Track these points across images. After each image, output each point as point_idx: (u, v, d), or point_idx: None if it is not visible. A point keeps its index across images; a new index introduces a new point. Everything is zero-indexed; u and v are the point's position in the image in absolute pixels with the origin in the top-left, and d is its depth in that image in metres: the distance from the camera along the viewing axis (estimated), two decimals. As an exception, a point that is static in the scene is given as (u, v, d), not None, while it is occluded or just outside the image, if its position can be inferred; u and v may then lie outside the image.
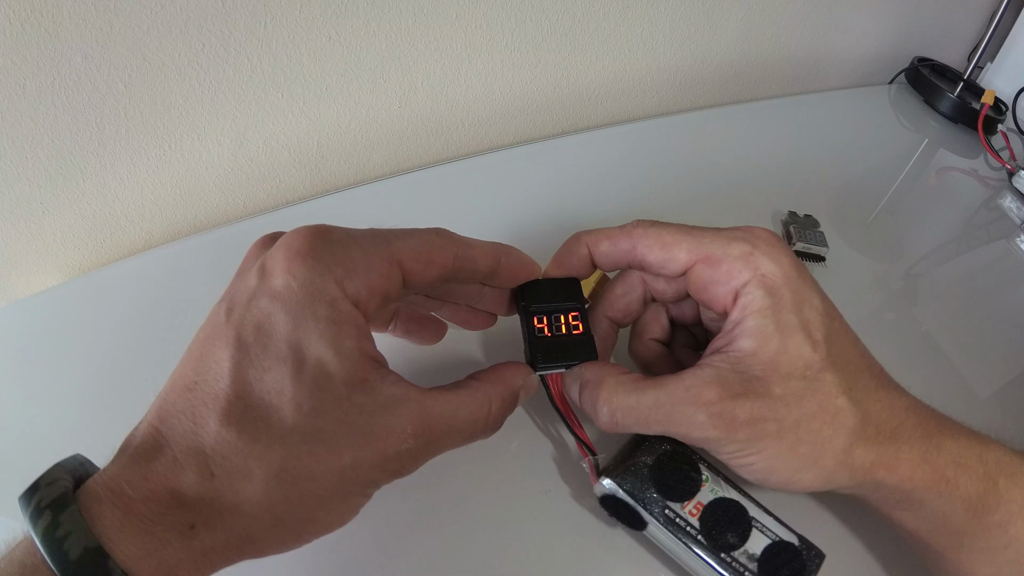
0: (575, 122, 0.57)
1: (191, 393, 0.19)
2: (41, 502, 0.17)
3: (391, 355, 0.23)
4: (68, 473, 0.19)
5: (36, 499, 0.17)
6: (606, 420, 0.26)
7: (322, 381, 0.20)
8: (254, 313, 0.20)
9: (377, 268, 0.22)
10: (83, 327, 0.35)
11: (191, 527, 0.18)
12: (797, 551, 0.26)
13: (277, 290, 0.20)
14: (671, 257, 0.27)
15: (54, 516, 0.17)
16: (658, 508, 0.26)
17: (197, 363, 0.20)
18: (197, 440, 0.19)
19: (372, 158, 0.49)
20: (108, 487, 0.18)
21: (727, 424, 0.24)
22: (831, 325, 0.26)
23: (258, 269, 0.21)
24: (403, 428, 0.21)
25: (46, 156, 0.36)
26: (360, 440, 0.20)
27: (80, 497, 0.18)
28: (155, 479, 0.18)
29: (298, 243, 0.21)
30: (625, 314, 0.31)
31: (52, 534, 0.16)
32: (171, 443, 0.19)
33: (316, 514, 0.20)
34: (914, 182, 0.59)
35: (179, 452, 0.18)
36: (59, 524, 0.17)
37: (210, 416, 0.19)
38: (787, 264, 0.26)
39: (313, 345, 0.20)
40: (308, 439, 0.19)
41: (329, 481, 0.20)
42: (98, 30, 0.34)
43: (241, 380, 0.19)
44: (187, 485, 0.18)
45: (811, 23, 0.64)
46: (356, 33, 0.41)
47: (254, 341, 0.20)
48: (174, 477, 0.18)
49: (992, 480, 0.25)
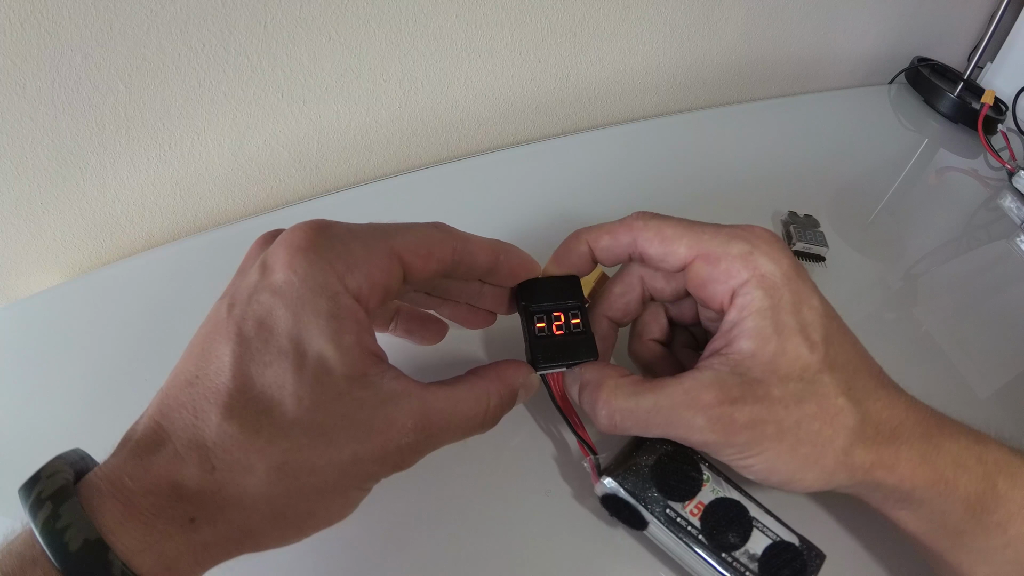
0: (575, 122, 0.57)
1: (192, 387, 0.19)
2: (42, 493, 0.17)
3: (392, 353, 0.23)
4: (69, 465, 0.19)
5: (37, 490, 0.17)
6: (605, 422, 0.26)
7: (323, 375, 0.20)
8: (255, 308, 0.20)
9: (378, 262, 0.22)
10: (83, 327, 0.35)
11: (192, 520, 0.18)
12: (798, 551, 0.26)
13: (278, 285, 0.20)
14: (670, 251, 0.27)
15: (54, 507, 0.17)
16: (659, 508, 0.26)
17: (198, 358, 0.20)
18: (198, 433, 0.19)
19: (372, 158, 0.49)
20: (109, 479, 0.18)
21: (726, 428, 0.24)
22: (830, 326, 0.26)
23: (259, 265, 0.21)
24: (403, 422, 0.21)
25: (46, 156, 0.36)
26: (360, 434, 0.20)
27: (81, 489, 0.18)
28: (156, 472, 0.18)
29: (299, 238, 0.21)
30: (624, 313, 0.31)
31: (52, 525, 0.16)
32: (172, 436, 0.19)
33: (316, 508, 0.20)
34: (914, 182, 0.59)
35: (180, 445, 0.18)
36: (59, 515, 0.17)
37: (211, 410, 0.19)
38: (786, 264, 0.26)
39: (314, 340, 0.20)
40: (309, 433, 0.19)
41: (330, 475, 0.20)
42: (98, 30, 0.34)
43: (242, 374, 0.19)
44: (188, 478, 0.18)
45: (811, 23, 0.64)
46: (356, 33, 0.41)
47: (255, 336, 0.20)
48: (175, 470, 0.18)
49: (991, 480, 0.25)
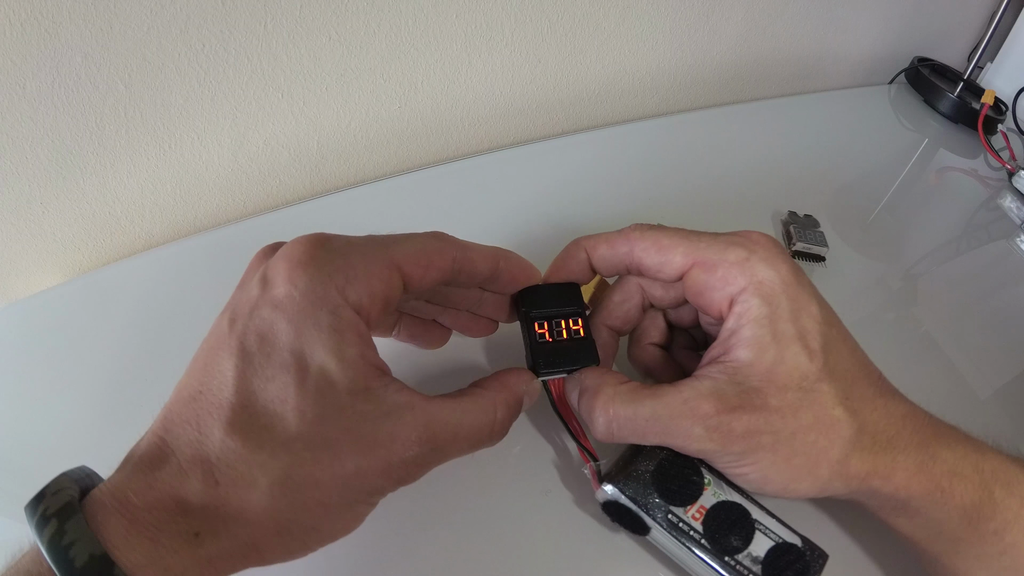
0: (575, 122, 0.57)
1: (195, 403, 0.19)
2: (47, 510, 0.17)
3: (395, 361, 0.23)
4: (74, 482, 0.19)
5: (42, 507, 0.17)
6: (602, 430, 0.26)
7: (325, 389, 0.20)
8: (257, 323, 0.20)
9: (378, 274, 0.22)
10: (83, 327, 0.35)
11: (196, 534, 0.18)
12: (800, 552, 0.26)
13: (279, 299, 0.20)
14: (667, 260, 0.27)
15: (60, 524, 0.17)
16: (661, 513, 0.26)
17: (201, 373, 0.20)
18: (202, 449, 0.19)
19: (372, 158, 0.49)
20: (113, 495, 0.18)
21: (723, 437, 0.24)
22: (829, 333, 0.26)
23: (260, 279, 0.21)
24: (408, 436, 0.21)
25: (46, 156, 0.36)
26: (364, 448, 0.20)
27: (86, 506, 0.18)
28: (160, 487, 0.18)
29: (299, 252, 0.21)
30: (624, 322, 0.31)
31: (58, 542, 0.16)
32: (176, 452, 0.19)
33: (321, 522, 0.20)
34: (914, 182, 0.59)
35: (184, 461, 0.19)
36: (65, 532, 0.17)
37: (215, 425, 0.19)
38: (785, 271, 0.26)
39: (316, 353, 0.20)
40: (312, 447, 0.19)
41: (334, 489, 0.20)
42: (98, 30, 0.33)
43: (245, 389, 0.19)
44: (192, 493, 0.18)
45: (811, 23, 0.64)
46: (356, 33, 0.41)
47: (257, 350, 0.20)
48: (179, 485, 0.18)
49: (988, 489, 0.25)
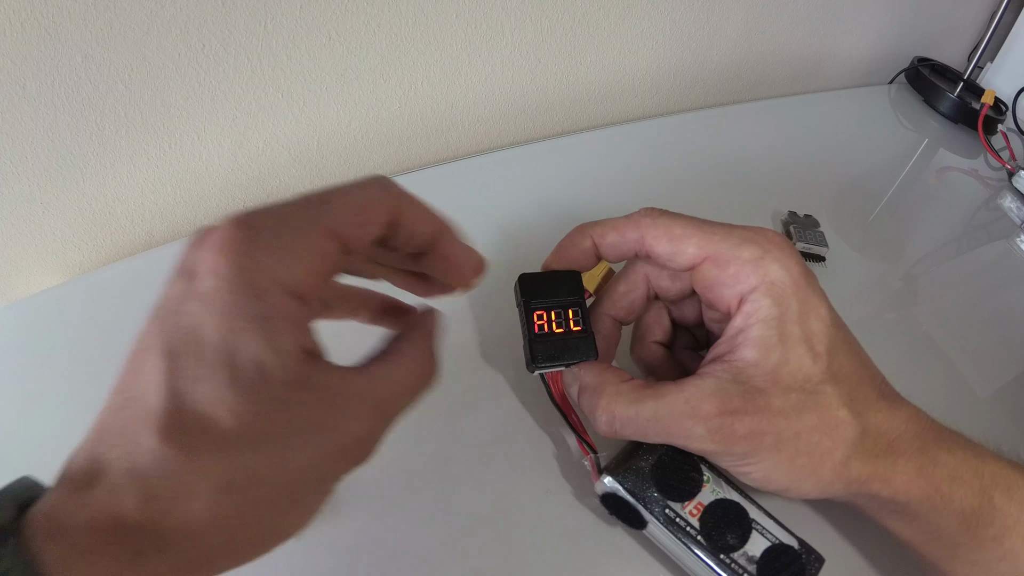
0: (575, 122, 0.57)
1: (124, 411, 0.18)
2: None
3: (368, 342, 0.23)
4: (11, 499, 0.17)
5: None
6: (604, 428, 0.26)
7: (259, 384, 0.18)
8: (183, 319, 0.19)
9: (311, 246, 0.20)
10: (83, 327, 0.35)
11: (137, 554, 0.17)
12: (797, 554, 0.26)
13: (204, 292, 0.19)
14: (679, 251, 0.27)
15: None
16: (658, 508, 0.26)
17: (129, 379, 0.19)
18: (135, 461, 0.17)
19: (372, 158, 0.49)
20: (48, 516, 0.17)
21: (726, 438, 0.24)
22: (835, 336, 0.26)
23: (185, 272, 0.20)
24: (353, 414, 0.20)
25: (46, 156, 0.36)
26: (310, 437, 0.19)
27: (23, 527, 0.16)
28: (95, 507, 0.17)
29: (220, 239, 0.19)
30: (628, 312, 0.30)
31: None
32: (108, 467, 0.17)
33: (272, 522, 0.19)
34: (914, 182, 0.59)
35: (117, 476, 0.17)
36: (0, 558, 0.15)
37: (146, 434, 0.17)
38: (796, 272, 0.26)
39: (247, 346, 0.18)
40: (253, 446, 0.18)
41: (282, 484, 0.19)
42: (98, 30, 0.34)
43: (174, 393, 0.18)
44: (129, 510, 0.17)
45: (811, 23, 0.64)
46: (356, 33, 0.41)
47: (185, 350, 0.18)
48: (115, 503, 0.17)
49: (988, 494, 0.25)
